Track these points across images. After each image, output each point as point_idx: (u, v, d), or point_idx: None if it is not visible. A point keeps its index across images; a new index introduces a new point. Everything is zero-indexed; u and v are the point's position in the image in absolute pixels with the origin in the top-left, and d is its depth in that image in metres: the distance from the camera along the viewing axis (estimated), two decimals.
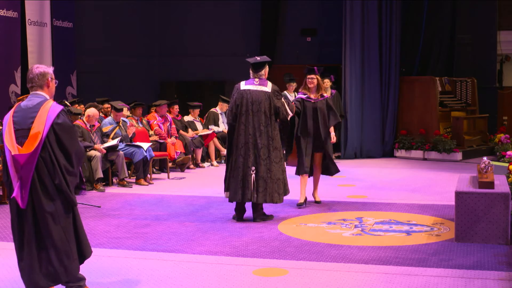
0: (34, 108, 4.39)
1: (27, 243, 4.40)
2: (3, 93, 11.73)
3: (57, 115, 4.37)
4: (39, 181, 4.34)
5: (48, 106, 4.40)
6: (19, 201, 4.33)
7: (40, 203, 4.34)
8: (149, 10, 16.49)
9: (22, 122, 4.38)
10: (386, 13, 13.47)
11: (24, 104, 4.46)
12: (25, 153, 4.28)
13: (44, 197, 4.34)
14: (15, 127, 4.39)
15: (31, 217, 4.37)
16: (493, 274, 5.23)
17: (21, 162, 4.29)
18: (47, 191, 4.35)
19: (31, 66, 4.62)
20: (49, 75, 4.52)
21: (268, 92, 7.36)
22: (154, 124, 11.63)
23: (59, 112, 4.39)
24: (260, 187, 7.24)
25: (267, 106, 7.32)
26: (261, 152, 7.25)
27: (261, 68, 7.44)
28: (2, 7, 11.65)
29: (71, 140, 4.43)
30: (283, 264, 5.62)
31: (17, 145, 4.33)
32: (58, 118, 4.37)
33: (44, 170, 4.33)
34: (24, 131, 4.35)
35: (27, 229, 4.39)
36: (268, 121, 7.31)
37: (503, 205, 6.11)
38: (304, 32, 16.17)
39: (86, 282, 4.71)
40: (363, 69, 13.51)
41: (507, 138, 13.32)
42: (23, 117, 4.39)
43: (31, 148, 4.29)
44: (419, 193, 9.15)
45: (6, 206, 8.26)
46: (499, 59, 15.53)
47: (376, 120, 13.56)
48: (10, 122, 4.42)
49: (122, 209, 8.19)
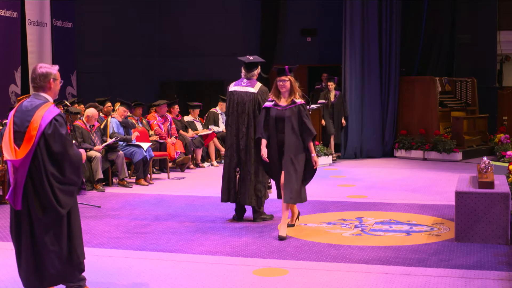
0: (31, 111, 4.36)
1: (23, 244, 4.41)
2: (3, 93, 11.73)
3: (49, 123, 4.30)
4: (33, 185, 4.33)
5: (43, 111, 4.33)
6: (12, 203, 4.36)
7: (33, 207, 4.35)
8: (149, 10, 16.50)
9: (20, 124, 4.37)
10: (386, 13, 13.47)
11: (25, 105, 4.45)
12: (18, 159, 4.28)
13: (36, 202, 4.34)
14: (14, 128, 4.38)
15: (27, 219, 4.38)
16: (493, 274, 5.23)
17: (16, 165, 4.30)
18: (40, 196, 4.34)
19: (36, 65, 4.54)
20: (52, 76, 4.47)
21: (254, 93, 7.26)
22: (154, 124, 11.63)
23: (52, 119, 4.32)
24: (242, 188, 7.26)
25: (251, 108, 7.24)
26: (241, 153, 7.24)
27: (253, 68, 7.36)
28: (2, 7, 11.65)
29: (63, 149, 4.34)
30: (283, 264, 5.62)
31: (15, 147, 4.33)
32: (49, 128, 4.30)
33: (37, 174, 4.32)
34: (20, 133, 4.35)
35: (24, 231, 4.40)
36: (251, 123, 7.21)
37: (503, 205, 6.11)
38: (304, 32, 16.19)
39: (86, 282, 4.71)
40: (363, 69, 13.50)
41: (507, 138, 13.32)
42: (21, 119, 4.38)
43: (24, 152, 4.28)
44: (419, 193, 9.15)
45: (6, 206, 8.27)
46: (499, 59, 15.54)
47: (376, 120, 13.55)
48: (11, 122, 4.41)
49: (122, 209, 8.19)
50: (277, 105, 6.63)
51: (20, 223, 4.41)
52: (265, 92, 7.29)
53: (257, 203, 7.30)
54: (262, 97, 7.24)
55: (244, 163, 7.22)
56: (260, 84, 7.39)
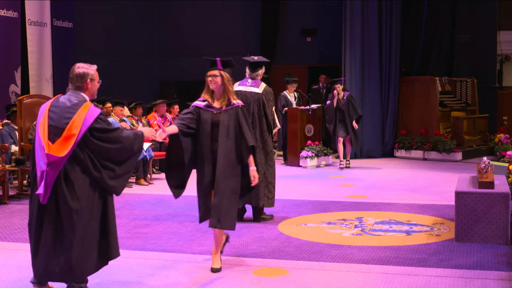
0: (72, 109, 4.33)
1: (44, 239, 4.33)
2: (3, 93, 11.73)
3: (95, 119, 4.31)
4: (65, 179, 4.28)
5: (86, 109, 4.32)
6: (41, 197, 4.26)
7: (65, 200, 4.28)
8: (149, 10, 16.50)
9: (57, 120, 4.31)
10: (386, 13, 13.47)
11: (62, 101, 4.40)
12: (57, 156, 4.22)
13: (69, 195, 4.28)
14: (49, 122, 4.32)
15: (53, 214, 4.31)
16: (493, 274, 5.23)
17: (51, 160, 4.23)
18: (74, 188, 4.29)
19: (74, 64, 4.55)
20: (89, 77, 4.46)
21: (259, 94, 7.25)
22: (154, 124, 11.63)
23: (97, 116, 4.33)
24: None
25: (256, 108, 7.22)
26: None
27: (257, 68, 7.37)
28: (2, 7, 11.65)
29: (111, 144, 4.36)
30: (283, 264, 5.62)
31: (48, 141, 4.26)
32: (96, 123, 4.31)
33: (73, 168, 4.27)
34: (57, 129, 4.29)
35: (46, 225, 4.32)
36: (256, 123, 7.18)
37: (503, 205, 6.11)
38: (304, 32, 16.19)
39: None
40: (363, 69, 13.51)
41: (507, 138, 13.33)
42: (59, 115, 4.32)
43: (64, 150, 4.23)
44: (419, 193, 9.15)
45: (6, 206, 8.27)
46: (499, 59, 15.55)
47: (376, 120, 13.56)
48: (45, 115, 4.35)
49: (122, 209, 8.18)
50: (210, 107, 5.38)
51: (43, 217, 4.32)
52: (269, 92, 7.30)
53: (268, 203, 7.29)
54: (266, 97, 7.24)
55: None
56: (265, 84, 7.40)
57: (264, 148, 7.21)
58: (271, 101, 7.30)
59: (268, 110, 7.22)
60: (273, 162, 7.36)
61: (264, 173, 7.20)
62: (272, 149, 7.39)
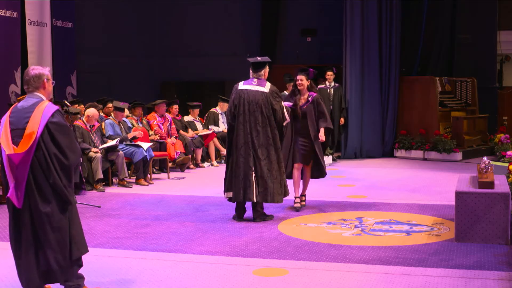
0: (29, 108, 4.44)
1: (24, 242, 4.43)
2: (3, 93, 11.72)
3: (52, 114, 4.41)
4: (34, 182, 4.38)
5: (43, 106, 4.44)
6: (14, 201, 4.38)
7: (36, 203, 4.38)
8: (149, 10, 16.50)
9: (17, 122, 4.43)
10: (386, 13, 13.46)
11: (20, 105, 4.53)
12: (19, 153, 4.32)
13: (39, 198, 4.38)
14: (11, 127, 4.44)
15: (28, 217, 4.41)
16: (493, 274, 5.23)
17: (16, 162, 4.33)
18: (43, 191, 4.39)
19: (27, 68, 4.68)
20: (45, 77, 4.57)
21: (266, 93, 7.33)
22: (154, 124, 11.64)
23: (54, 111, 4.43)
24: (260, 187, 7.25)
25: (265, 106, 7.30)
26: (258, 152, 7.24)
27: (261, 68, 7.44)
28: (2, 7, 11.64)
29: (66, 138, 4.45)
30: (283, 264, 5.62)
31: (13, 145, 4.38)
32: (53, 117, 4.41)
33: (39, 170, 4.37)
34: (19, 131, 4.40)
35: (24, 229, 4.42)
36: (266, 121, 7.28)
37: (503, 205, 6.11)
38: (304, 32, 16.18)
39: (86, 282, 4.72)
40: (363, 69, 13.49)
41: (507, 138, 13.31)
42: (18, 118, 4.44)
43: (25, 147, 4.34)
44: (419, 193, 9.15)
45: (6, 206, 8.26)
46: (499, 59, 15.55)
47: (376, 120, 13.55)
48: (6, 122, 4.48)
49: (122, 209, 8.19)
50: None
51: (19, 221, 4.42)
52: (275, 91, 7.42)
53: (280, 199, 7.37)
54: (273, 96, 7.35)
55: (262, 161, 7.23)
56: (270, 84, 7.47)
57: (267, 144, 7.26)
58: (279, 97, 7.44)
59: (277, 107, 7.36)
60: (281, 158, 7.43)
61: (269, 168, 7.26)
62: (279, 146, 7.43)
